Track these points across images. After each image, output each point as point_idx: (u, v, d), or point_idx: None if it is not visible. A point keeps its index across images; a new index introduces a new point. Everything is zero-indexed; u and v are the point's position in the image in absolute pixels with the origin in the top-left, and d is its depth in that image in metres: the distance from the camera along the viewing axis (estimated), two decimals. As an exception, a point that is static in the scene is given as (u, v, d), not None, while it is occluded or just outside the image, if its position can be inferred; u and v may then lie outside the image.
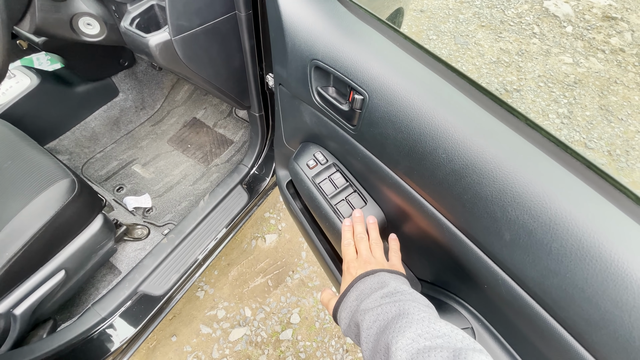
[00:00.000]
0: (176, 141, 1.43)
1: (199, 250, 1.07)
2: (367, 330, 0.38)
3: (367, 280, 0.45)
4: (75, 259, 0.87)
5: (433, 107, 0.38)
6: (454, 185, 0.37)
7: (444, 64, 0.40)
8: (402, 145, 0.42)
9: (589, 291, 0.29)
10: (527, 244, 0.32)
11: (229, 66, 0.89)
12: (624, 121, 2.09)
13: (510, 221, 0.33)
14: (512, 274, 0.35)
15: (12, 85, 1.16)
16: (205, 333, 1.31)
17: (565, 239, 0.30)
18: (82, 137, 1.35)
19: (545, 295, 0.32)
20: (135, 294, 0.98)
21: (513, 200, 0.33)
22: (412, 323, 0.34)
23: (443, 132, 0.37)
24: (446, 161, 0.37)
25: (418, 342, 0.32)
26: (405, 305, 0.37)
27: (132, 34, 0.72)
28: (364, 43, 0.46)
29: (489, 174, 0.34)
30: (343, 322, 0.45)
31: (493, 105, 0.36)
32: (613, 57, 2.48)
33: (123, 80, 1.40)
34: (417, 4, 2.75)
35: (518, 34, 2.54)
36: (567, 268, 0.30)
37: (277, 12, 0.54)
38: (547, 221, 0.31)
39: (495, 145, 0.35)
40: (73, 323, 0.91)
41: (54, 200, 0.80)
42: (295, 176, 0.68)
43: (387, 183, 0.49)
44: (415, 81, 0.40)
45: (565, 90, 2.22)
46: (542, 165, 0.33)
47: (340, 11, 0.51)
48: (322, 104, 0.55)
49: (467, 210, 0.37)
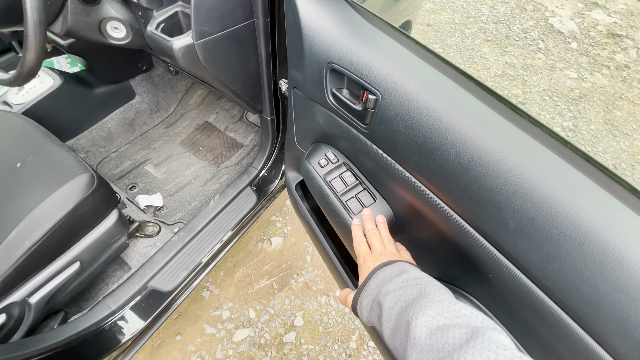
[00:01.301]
0: (188, 143, 1.48)
1: (208, 248, 1.10)
2: (389, 310, 0.39)
3: (387, 269, 0.46)
4: (90, 251, 0.90)
5: (442, 105, 0.41)
6: (462, 178, 0.40)
7: (451, 66, 0.43)
8: (412, 142, 0.45)
9: (588, 274, 0.31)
10: (529, 231, 0.35)
11: (245, 71, 0.94)
12: (629, 136, 2.11)
13: (514, 210, 0.36)
14: (516, 261, 0.37)
15: (35, 85, 1.21)
16: (209, 333, 1.32)
17: (564, 225, 0.32)
18: (99, 137, 1.39)
19: (547, 280, 0.34)
20: (145, 289, 1.00)
21: (516, 190, 0.35)
22: (432, 303, 0.35)
23: (451, 129, 0.40)
24: (454, 155, 0.40)
25: (438, 320, 0.33)
26: (426, 287, 0.38)
27: (157, 37, 0.76)
28: (377, 47, 0.50)
29: (494, 166, 0.37)
30: (365, 309, 0.45)
31: (497, 104, 0.39)
32: (618, 73, 2.51)
33: (140, 84, 1.45)
34: (424, 18, 2.82)
35: (523, 49, 2.59)
36: (567, 252, 0.32)
37: (296, 19, 0.58)
38: (547, 209, 0.33)
39: (499, 140, 0.37)
40: (84, 315, 0.93)
41: (73, 193, 0.83)
42: (307, 174, 0.71)
43: (396, 179, 0.51)
44: (425, 82, 0.44)
45: (570, 104, 2.25)
46: (543, 158, 0.35)
47: (355, 19, 0.55)
48: (336, 105, 0.58)
49: (474, 202, 0.39)
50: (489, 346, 0.28)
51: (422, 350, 0.32)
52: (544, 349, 0.39)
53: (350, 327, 1.35)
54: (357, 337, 1.34)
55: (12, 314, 0.81)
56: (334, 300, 1.42)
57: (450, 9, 2.88)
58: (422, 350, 0.32)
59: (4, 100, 1.20)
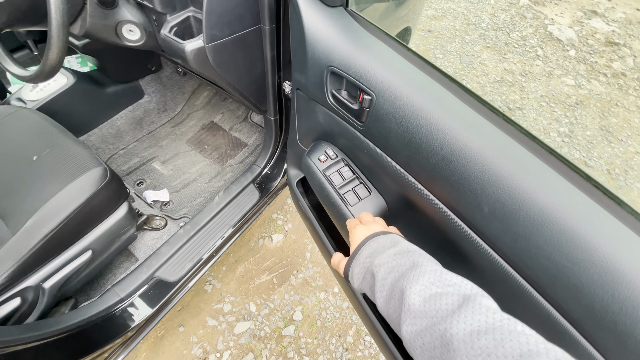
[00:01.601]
0: (194, 142, 1.53)
1: (212, 242, 1.14)
2: (383, 280, 0.40)
3: (379, 239, 0.47)
4: (101, 240, 0.95)
5: (428, 105, 0.46)
6: (444, 169, 0.45)
7: (438, 70, 0.48)
8: (402, 137, 0.50)
9: (548, 249, 0.35)
10: (500, 214, 0.39)
11: (252, 73, 0.99)
12: (623, 142, 2.15)
13: (488, 196, 0.40)
14: (490, 242, 0.42)
15: (49, 83, 1.27)
16: (211, 325, 1.36)
17: (529, 208, 0.37)
18: (108, 134, 1.45)
19: (515, 257, 0.39)
20: (151, 279, 1.05)
21: (490, 179, 0.40)
22: (425, 273, 0.37)
23: (436, 125, 0.45)
24: (438, 149, 0.45)
25: (430, 288, 0.35)
26: (418, 258, 0.40)
27: (170, 40, 0.82)
28: (373, 53, 0.55)
29: (472, 158, 0.42)
30: (356, 276, 0.47)
31: (476, 104, 0.44)
32: (614, 80, 2.56)
33: (149, 84, 1.51)
34: (425, 24, 2.88)
35: (522, 56, 2.65)
36: (531, 232, 0.37)
37: (300, 26, 0.64)
38: (515, 195, 0.38)
39: (477, 135, 0.42)
40: (94, 301, 0.98)
41: (88, 185, 0.88)
42: (308, 169, 0.76)
43: (389, 172, 0.56)
44: (414, 84, 0.49)
45: (567, 111, 2.29)
46: (514, 151, 0.40)
47: (354, 27, 0.60)
48: (335, 104, 0.63)
49: (455, 190, 0.44)
50: (479, 310, 0.30)
51: (416, 316, 0.33)
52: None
53: (347, 322, 1.40)
54: (354, 331, 1.38)
55: (26, 297, 0.86)
56: (332, 296, 1.46)
57: (451, 16, 2.94)
58: (417, 315, 0.33)
59: (18, 97, 1.25)
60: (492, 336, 0.28)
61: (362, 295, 0.82)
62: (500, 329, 0.28)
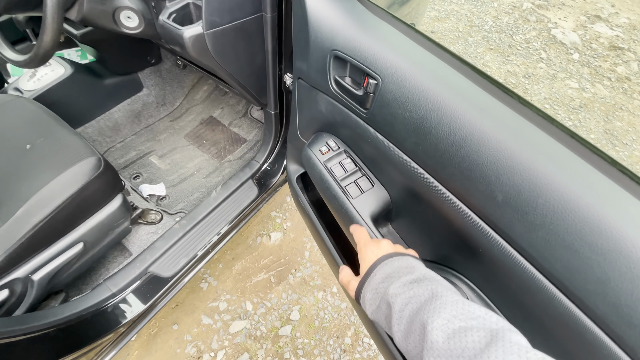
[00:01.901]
0: (192, 137, 1.50)
1: (208, 237, 1.11)
2: (400, 312, 0.38)
3: (393, 262, 0.44)
4: (93, 233, 0.92)
5: (437, 87, 0.44)
6: (455, 155, 0.42)
7: (446, 51, 0.46)
8: (409, 123, 0.47)
9: (569, 239, 0.33)
10: (516, 202, 0.37)
11: (252, 63, 0.97)
12: (628, 146, 2.13)
13: (502, 183, 0.38)
14: (503, 233, 0.39)
15: (47, 73, 1.25)
16: (206, 323, 1.33)
17: (549, 195, 0.34)
18: (105, 127, 1.42)
19: (531, 248, 0.36)
20: (145, 274, 1.01)
21: (505, 165, 0.37)
22: (446, 305, 0.34)
23: (446, 109, 0.42)
24: (448, 134, 0.42)
25: (453, 322, 0.32)
26: (437, 288, 0.37)
27: (169, 26, 0.80)
28: (378, 35, 0.52)
29: (485, 143, 0.39)
30: (369, 303, 0.44)
31: (488, 85, 0.42)
32: (619, 84, 2.54)
33: (148, 77, 1.49)
34: (429, 25, 2.87)
35: (525, 58, 2.63)
36: (551, 221, 0.34)
37: (303, 9, 0.61)
38: (534, 181, 0.35)
39: (489, 118, 0.40)
40: (85, 295, 0.95)
41: (80, 174, 0.86)
42: (308, 161, 0.73)
43: (393, 162, 0.54)
44: (422, 66, 0.46)
45: (571, 113, 2.27)
46: (531, 134, 0.38)
47: (358, 9, 0.58)
48: (339, 91, 0.61)
49: (465, 177, 0.41)
50: (510, 349, 0.28)
51: (440, 355, 0.31)
52: (531, 320, 0.41)
53: (345, 323, 1.36)
54: (352, 332, 1.34)
55: (14, 289, 0.83)
56: (331, 296, 1.43)
57: (455, 18, 2.93)
58: (441, 355, 0.31)
59: (15, 87, 1.23)
60: None
61: None
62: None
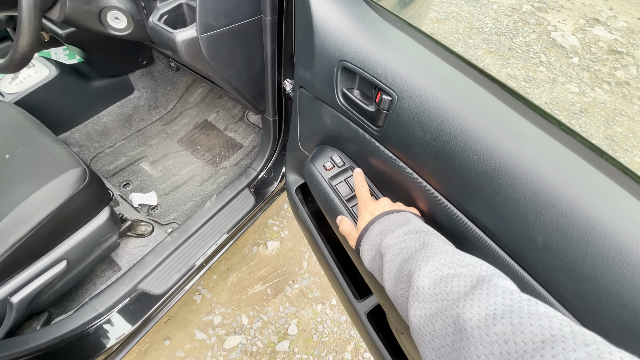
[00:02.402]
0: (186, 142, 1.44)
1: (202, 251, 1.06)
2: (390, 262, 0.38)
3: (391, 217, 0.45)
4: (78, 250, 0.86)
5: (464, 108, 0.38)
6: (485, 187, 0.37)
7: (473, 67, 0.41)
8: (430, 146, 0.42)
9: (626, 297, 0.28)
10: (560, 247, 0.32)
11: (249, 68, 0.91)
12: (628, 152, 2.11)
13: (543, 224, 0.33)
14: (543, 280, 0.34)
15: (30, 75, 1.17)
16: (199, 339, 1.27)
17: (602, 243, 0.29)
18: (94, 131, 1.35)
19: (578, 302, 0.31)
20: (134, 291, 0.95)
21: (547, 202, 0.32)
22: (435, 254, 0.34)
23: (475, 134, 0.37)
24: (477, 163, 0.37)
25: (441, 270, 0.32)
26: (428, 239, 0.38)
27: (159, 29, 0.73)
28: (393, 46, 0.47)
29: (522, 176, 0.34)
30: (366, 253, 0.45)
31: (524, 109, 0.37)
32: (618, 89, 2.53)
33: (139, 79, 1.42)
34: (428, 27, 2.83)
35: (525, 62, 2.60)
36: (604, 273, 0.29)
37: (307, 15, 0.55)
38: (583, 224, 0.30)
39: (528, 147, 0.35)
40: (69, 317, 0.88)
41: (63, 188, 0.79)
42: (311, 178, 0.68)
43: (408, 185, 0.49)
44: (446, 83, 0.41)
45: (571, 118, 2.25)
46: (577, 168, 0.33)
47: (370, 16, 0.52)
48: (346, 105, 0.55)
49: (497, 213, 0.36)
50: (495, 291, 0.28)
51: (425, 299, 0.31)
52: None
53: (345, 338, 1.31)
54: (352, 347, 1.30)
55: (-9, 313, 0.76)
56: (330, 309, 1.38)
57: (454, 19, 2.89)
58: (425, 299, 0.31)
59: (-4, 90, 1.16)
60: (510, 320, 0.25)
61: (360, 305, 0.75)
62: (519, 312, 0.25)
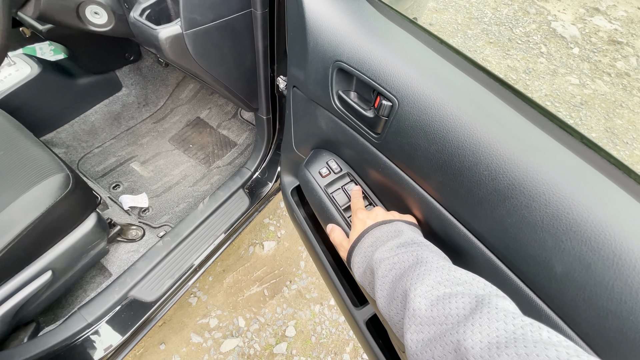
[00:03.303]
0: (178, 140, 1.39)
1: (195, 255, 1.02)
2: (383, 278, 0.37)
3: (382, 228, 0.44)
4: (64, 259, 0.82)
5: (474, 118, 0.35)
6: (496, 207, 0.33)
7: (485, 71, 0.37)
8: (434, 158, 0.38)
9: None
10: (583, 279, 0.28)
11: (240, 66, 0.86)
12: (629, 145, 2.09)
13: (563, 252, 0.29)
14: (561, 312, 0.31)
15: (11, 73, 1.11)
16: (195, 342, 1.24)
17: (631, 276, 0.26)
18: (81, 131, 1.30)
19: (600, 339, 0.28)
20: (125, 299, 0.92)
21: (569, 228, 0.29)
22: (431, 271, 0.33)
23: (486, 147, 0.33)
24: (488, 179, 0.33)
25: (438, 289, 0.31)
26: (422, 253, 0.36)
27: (141, 25, 0.68)
28: (395, 46, 0.43)
29: (540, 196, 0.30)
30: (357, 266, 0.44)
31: (543, 120, 0.33)
32: (619, 80, 2.49)
33: (127, 75, 1.36)
34: (427, 17, 2.76)
35: (525, 53, 2.55)
36: (631, 311, 0.26)
37: (300, 10, 0.51)
38: (610, 255, 0.27)
39: (547, 164, 0.31)
40: (57, 328, 0.85)
41: (45, 195, 0.75)
42: (306, 184, 0.64)
43: (410, 198, 0.45)
44: (453, 88, 0.37)
45: (572, 111, 2.21)
46: (604, 190, 0.29)
47: (368, 11, 0.48)
48: (342, 109, 0.51)
49: (510, 236, 0.33)
50: (496, 315, 0.26)
51: (422, 323, 0.30)
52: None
53: (344, 339, 1.30)
54: (351, 348, 1.28)
55: (-27, 328, 0.73)
56: (328, 310, 1.35)
57: (453, 9, 2.82)
58: (423, 322, 0.30)
59: (-25, 90, 1.10)
60: (515, 350, 0.23)
61: (359, 313, 0.73)
62: (523, 339, 0.24)
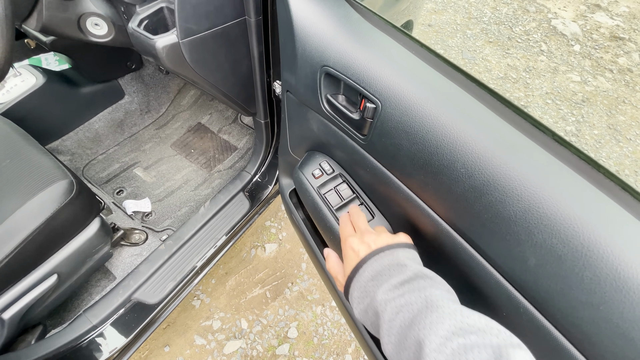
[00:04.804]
0: (180, 145, 1.42)
1: (197, 258, 1.04)
2: (390, 322, 0.35)
3: (381, 260, 0.41)
4: (68, 263, 0.84)
5: (451, 118, 0.36)
6: (473, 203, 0.35)
7: (462, 73, 0.38)
8: (416, 158, 0.39)
9: (624, 326, 0.26)
10: (555, 271, 0.29)
11: (236, 72, 0.88)
12: (632, 141, 2.07)
13: (536, 245, 0.30)
14: (536, 303, 0.32)
15: (17, 84, 1.15)
16: (199, 344, 1.26)
17: (599, 267, 0.27)
18: (85, 138, 1.33)
19: (574, 329, 0.29)
20: (129, 302, 0.94)
21: (540, 221, 0.30)
22: (443, 317, 0.32)
23: (462, 145, 0.35)
24: (465, 176, 0.35)
25: (452, 340, 0.30)
26: (431, 295, 0.35)
27: (139, 35, 0.71)
28: (377, 50, 0.44)
29: (513, 192, 0.32)
30: (356, 302, 0.41)
31: (517, 119, 0.34)
32: (621, 76, 2.47)
33: (129, 83, 1.39)
34: (425, 18, 2.77)
35: (526, 51, 2.54)
36: (602, 300, 0.27)
37: (288, 17, 0.53)
38: (579, 247, 0.28)
39: (520, 161, 0.32)
40: (63, 330, 0.88)
41: (50, 201, 0.78)
42: (300, 186, 0.66)
43: (397, 197, 0.46)
44: (432, 90, 0.38)
45: (573, 108, 2.20)
46: (572, 184, 0.30)
47: (353, 17, 0.49)
48: (331, 112, 0.53)
49: (487, 231, 0.34)
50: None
51: None
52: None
53: (346, 339, 1.30)
54: (353, 349, 1.28)
55: (-18, 331, 0.75)
56: (330, 311, 1.36)
57: (452, 10, 2.83)
58: None
59: (-18, 100, 1.14)
60: None
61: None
62: None
